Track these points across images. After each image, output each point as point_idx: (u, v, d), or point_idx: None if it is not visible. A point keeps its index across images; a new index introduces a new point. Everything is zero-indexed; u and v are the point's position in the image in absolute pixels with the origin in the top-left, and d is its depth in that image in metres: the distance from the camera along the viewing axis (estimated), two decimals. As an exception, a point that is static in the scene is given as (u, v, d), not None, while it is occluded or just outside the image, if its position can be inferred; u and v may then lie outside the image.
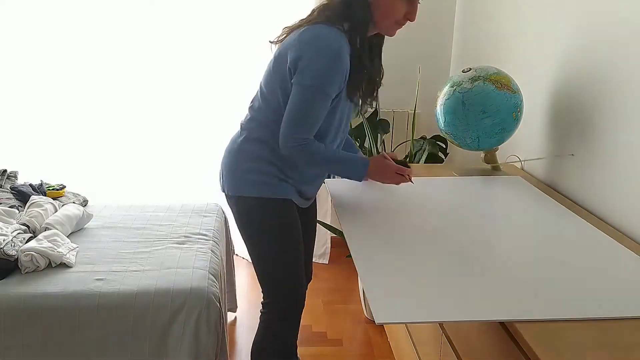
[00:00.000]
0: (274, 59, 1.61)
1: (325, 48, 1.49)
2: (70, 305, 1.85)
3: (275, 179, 1.65)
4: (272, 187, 1.65)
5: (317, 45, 1.49)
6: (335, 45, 1.49)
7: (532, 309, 1.15)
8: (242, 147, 1.68)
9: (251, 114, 1.70)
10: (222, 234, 2.57)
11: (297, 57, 1.50)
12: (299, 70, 1.50)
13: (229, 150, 1.73)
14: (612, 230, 1.63)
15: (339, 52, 1.49)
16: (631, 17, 1.61)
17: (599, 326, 1.09)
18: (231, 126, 3.16)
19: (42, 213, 2.29)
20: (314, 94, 1.51)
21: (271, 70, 1.61)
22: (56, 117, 3.23)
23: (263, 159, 1.64)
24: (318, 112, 1.54)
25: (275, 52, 1.61)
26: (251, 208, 1.67)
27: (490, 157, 2.18)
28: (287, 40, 1.59)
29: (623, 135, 1.65)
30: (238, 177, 1.67)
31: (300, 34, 1.53)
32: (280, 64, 1.57)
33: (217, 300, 1.94)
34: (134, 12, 3.10)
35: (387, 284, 1.26)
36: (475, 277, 1.29)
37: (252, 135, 1.67)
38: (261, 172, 1.64)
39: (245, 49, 3.12)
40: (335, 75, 1.51)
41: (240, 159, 1.68)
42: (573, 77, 1.94)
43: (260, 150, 1.65)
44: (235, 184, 1.68)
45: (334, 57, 1.49)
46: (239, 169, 1.68)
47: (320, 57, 1.49)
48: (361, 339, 2.61)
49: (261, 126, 1.65)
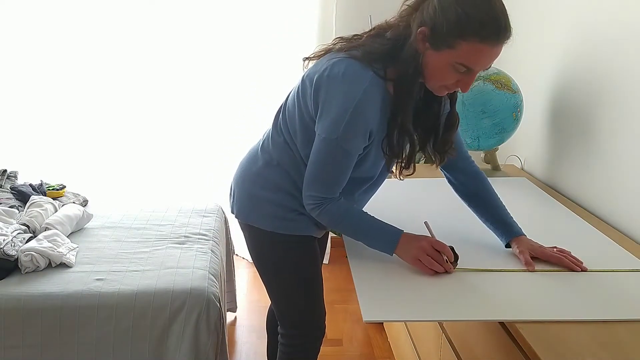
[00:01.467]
0: (301, 81, 1.37)
1: (348, 95, 1.25)
2: (70, 305, 1.85)
3: (293, 213, 1.46)
4: (288, 222, 1.47)
5: (342, 89, 1.26)
6: (359, 94, 1.24)
7: (532, 309, 1.15)
8: (262, 173, 1.48)
9: (274, 136, 1.47)
10: (222, 234, 2.57)
11: (319, 91, 1.29)
12: (319, 115, 1.30)
13: (245, 171, 1.53)
14: (612, 230, 1.63)
15: (363, 104, 1.25)
16: (631, 17, 1.61)
17: (599, 327, 1.09)
18: (231, 126, 3.20)
19: (42, 213, 2.29)
20: (332, 149, 1.29)
21: (295, 92, 1.39)
22: (56, 117, 3.22)
23: (283, 190, 1.45)
24: (338, 169, 1.33)
25: (304, 73, 1.38)
26: (264, 242, 1.53)
27: (490, 157, 2.18)
28: (320, 62, 1.35)
29: (623, 135, 1.65)
30: (252, 205, 1.50)
31: (332, 65, 1.28)
32: (304, 90, 1.34)
33: (217, 300, 1.94)
34: (137, 11, 3.09)
35: (379, 283, 1.26)
36: (473, 277, 1.29)
37: (274, 161, 1.45)
38: (278, 205, 1.46)
39: (244, 48, 3.12)
40: (353, 131, 1.27)
41: (258, 186, 1.48)
42: (573, 77, 1.94)
43: (281, 179, 1.45)
44: (247, 212, 1.52)
45: (355, 109, 1.24)
46: (254, 196, 1.49)
47: (341, 105, 1.25)
48: (361, 339, 2.61)
49: (284, 153, 1.44)
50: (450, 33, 1.18)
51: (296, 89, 1.39)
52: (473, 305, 1.17)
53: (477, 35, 1.17)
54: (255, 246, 1.57)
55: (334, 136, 1.27)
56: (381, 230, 1.38)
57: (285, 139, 1.43)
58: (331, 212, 1.36)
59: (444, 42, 1.19)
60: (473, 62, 1.21)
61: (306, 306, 1.59)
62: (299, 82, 1.38)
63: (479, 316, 1.15)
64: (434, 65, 1.24)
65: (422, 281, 1.27)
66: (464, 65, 1.21)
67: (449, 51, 1.20)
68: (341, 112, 1.25)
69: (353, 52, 1.29)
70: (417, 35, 1.22)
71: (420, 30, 1.22)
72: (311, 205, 1.37)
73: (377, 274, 1.31)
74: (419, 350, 1.91)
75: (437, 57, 1.22)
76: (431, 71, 1.25)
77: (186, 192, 3.35)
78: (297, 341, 1.64)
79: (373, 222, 1.39)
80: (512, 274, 1.31)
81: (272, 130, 1.48)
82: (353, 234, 1.42)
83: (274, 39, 3.06)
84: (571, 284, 1.26)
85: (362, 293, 1.22)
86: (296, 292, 1.57)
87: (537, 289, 1.24)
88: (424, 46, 1.23)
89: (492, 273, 1.31)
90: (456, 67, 1.21)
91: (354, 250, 1.44)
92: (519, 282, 1.27)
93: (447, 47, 1.20)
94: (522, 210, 1.78)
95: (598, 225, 1.64)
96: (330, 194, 1.36)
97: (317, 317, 1.63)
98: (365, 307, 1.15)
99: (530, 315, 1.12)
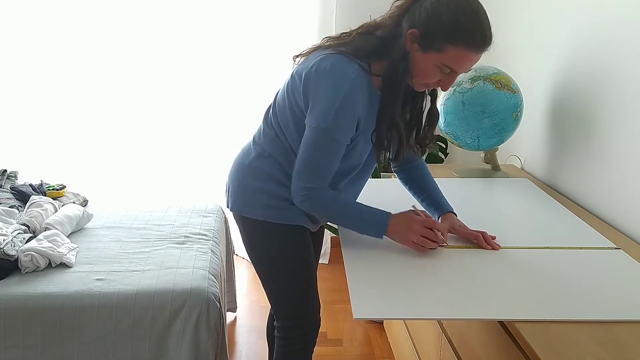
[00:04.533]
0: (291, 77, 1.45)
1: (336, 87, 1.32)
2: (70, 305, 1.85)
3: (285, 202, 1.50)
4: (281, 211, 1.51)
5: (329, 82, 1.33)
6: (347, 86, 1.31)
7: (532, 309, 1.15)
8: (254, 164, 1.53)
9: (265, 129, 1.54)
10: (222, 234, 2.57)
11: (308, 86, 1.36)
12: (310, 108, 1.37)
13: (238, 165, 1.59)
14: (613, 231, 1.63)
15: (350, 95, 1.32)
16: (631, 17, 1.61)
17: (599, 327, 1.09)
18: (231, 126, 3.20)
19: (42, 213, 2.29)
20: (322, 138, 1.36)
21: (285, 87, 1.46)
22: (56, 117, 3.23)
23: (275, 179, 1.50)
24: (329, 158, 1.39)
25: (294, 70, 1.45)
26: (258, 233, 1.57)
27: (490, 157, 2.18)
28: (308, 58, 1.42)
29: (623, 135, 1.65)
30: (245, 196, 1.55)
31: (319, 61, 1.35)
32: (294, 85, 1.41)
33: (217, 300, 1.94)
34: (136, 12, 3.10)
35: (373, 281, 1.26)
36: (472, 277, 1.29)
37: (266, 152, 1.51)
38: (271, 195, 1.51)
39: (245, 49, 3.12)
40: (341, 121, 1.34)
41: (250, 177, 1.54)
42: (573, 77, 1.94)
43: (272, 169, 1.50)
44: (241, 203, 1.56)
45: (343, 100, 1.32)
46: (247, 187, 1.54)
47: (329, 97, 1.32)
48: (361, 339, 2.61)
49: (275, 144, 1.50)
50: (441, 38, 1.28)
51: (286, 85, 1.46)
52: (468, 303, 1.17)
53: (465, 42, 1.28)
54: (249, 237, 1.60)
55: (324, 126, 1.34)
56: (370, 214, 1.43)
57: (276, 132, 1.49)
58: (321, 201, 1.42)
59: (433, 45, 1.29)
60: (457, 66, 1.32)
61: (301, 297, 1.62)
62: (289, 78, 1.45)
63: (474, 315, 1.15)
64: (420, 65, 1.33)
65: (416, 279, 1.27)
66: (448, 67, 1.31)
67: (437, 54, 1.30)
68: (331, 103, 1.32)
69: (340, 48, 1.37)
70: (408, 36, 1.31)
71: (410, 31, 1.30)
72: (302, 197, 1.42)
73: (371, 272, 1.30)
74: (419, 350, 1.91)
75: (424, 58, 1.32)
76: (417, 70, 1.34)
77: (186, 192, 3.35)
78: (293, 333, 1.67)
79: (361, 207, 1.45)
80: (511, 272, 1.31)
81: (263, 124, 1.55)
82: (343, 221, 1.48)
83: (274, 39, 3.06)
84: (571, 283, 1.26)
85: (355, 290, 1.21)
86: (290, 282, 1.60)
87: (537, 289, 1.24)
88: (412, 46, 1.32)
89: (491, 272, 1.31)
90: (441, 68, 1.32)
91: (350, 248, 1.44)
92: (518, 282, 1.27)
93: (435, 50, 1.29)
94: (522, 210, 1.79)
95: (598, 226, 1.64)
96: (320, 183, 1.41)
97: (312, 307, 1.65)
98: (356, 305, 1.15)
99: (530, 315, 1.12)
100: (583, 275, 1.31)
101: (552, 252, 1.44)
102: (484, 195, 1.93)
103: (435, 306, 1.16)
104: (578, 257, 1.41)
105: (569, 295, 1.21)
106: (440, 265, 1.35)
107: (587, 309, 1.15)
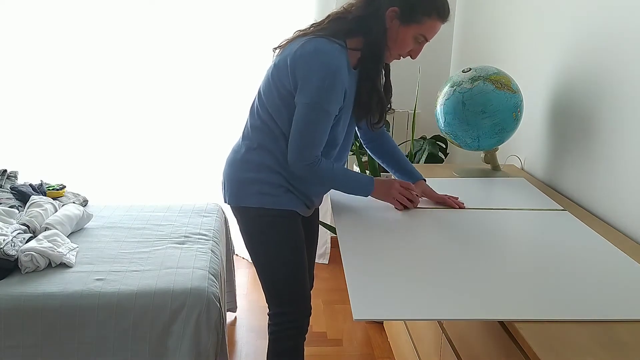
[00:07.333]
0: (273, 66, 1.58)
1: (324, 65, 1.47)
2: (70, 305, 1.85)
3: (280, 189, 1.62)
4: (274, 197, 1.62)
5: (317, 61, 1.48)
6: (334, 62, 1.48)
7: (532, 309, 1.15)
8: (245, 157, 1.64)
9: (252, 122, 1.65)
10: (222, 234, 2.57)
11: (295, 69, 1.50)
12: (300, 87, 1.50)
13: (231, 161, 1.69)
14: (612, 231, 1.63)
15: (337, 70, 1.48)
16: (631, 17, 1.61)
17: (599, 327, 1.09)
18: (231, 126, 3.20)
19: (42, 213, 2.29)
20: (316, 112, 1.50)
21: (270, 77, 1.58)
22: (56, 117, 3.23)
23: (267, 167, 1.61)
24: (322, 129, 1.54)
25: (275, 59, 1.59)
26: (252, 219, 1.65)
27: (490, 157, 2.18)
28: (288, 47, 1.56)
29: (623, 135, 1.65)
30: (240, 188, 1.64)
31: (302, 46, 1.50)
32: (280, 72, 1.54)
33: (217, 300, 1.94)
34: (135, 11, 3.10)
35: (372, 281, 1.26)
36: (471, 277, 1.29)
37: (254, 144, 1.62)
38: (264, 182, 1.61)
39: (242, 49, 3.12)
40: (333, 93, 1.50)
41: (242, 169, 1.64)
42: (573, 77, 1.94)
43: (263, 158, 1.61)
44: (236, 195, 1.65)
45: (332, 75, 1.47)
46: (241, 179, 1.64)
47: (319, 74, 1.47)
48: (361, 339, 2.61)
49: (263, 134, 1.61)
50: (420, 11, 1.51)
51: (269, 75, 1.59)
52: (468, 303, 1.17)
53: (437, 13, 1.53)
54: (245, 226, 1.68)
55: (316, 100, 1.49)
56: (358, 178, 1.70)
57: (263, 121, 1.61)
58: (322, 170, 1.58)
59: (413, 18, 1.52)
60: (430, 34, 1.56)
61: (293, 281, 1.69)
62: (271, 68, 1.59)
63: (474, 315, 1.15)
64: (400, 37, 1.55)
65: (416, 280, 1.27)
66: (423, 36, 1.55)
67: (416, 26, 1.53)
68: (320, 78, 1.47)
69: (318, 33, 1.54)
70: (388, 13, 1.52)
71: (391, 9, 1.51)
72: (304, 167, 1.55)
73: (371, 273, 1.30)
74: (419, 350, 1.91)
75: (404, 31, 1.54)
76: (395, 42, 1.56)
77: (186, 192, 3.35)
78: (285, 319, 1.72)
79: (350, 172, 1.70)
80: (511, 272, 1.31)
81: (250, 118, 1.67)
82: (337, 184, 1.68)
83: (273, 38, 3.04)
84: (571, 283, 1.26)
85: (354, 291, 1.21)
86: (282, 266, 1.67)
87: (537, 289, 1.24)
88: (392, 22, 1.53)
89: (490, 272, 1.31)
90: (417, 38, 1.56)
91: (349, 249, 1.44)
92: (518, 281, 1.27)
93: (415, 23, 1.53)
94: (524, 210, 1.79)
95: (597, 226, 1.64)
96: (318, 152, 1.56)
97: (303, 293, 1.71)
98: (356, 305, 1.15)
99: (530, 315, 1.12)
100: (583, 275, 1.31)
101: (551, 251, 1.44)
102: (485, 195, 1.93)
103: (435, 306, 1.16)
104: (578, 257, 1.41)
105: (569, 295, 1.21)
106: (440, 264, 1.35)
107: (587, 309, 1.15)
